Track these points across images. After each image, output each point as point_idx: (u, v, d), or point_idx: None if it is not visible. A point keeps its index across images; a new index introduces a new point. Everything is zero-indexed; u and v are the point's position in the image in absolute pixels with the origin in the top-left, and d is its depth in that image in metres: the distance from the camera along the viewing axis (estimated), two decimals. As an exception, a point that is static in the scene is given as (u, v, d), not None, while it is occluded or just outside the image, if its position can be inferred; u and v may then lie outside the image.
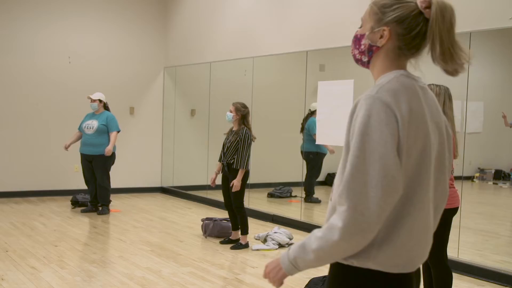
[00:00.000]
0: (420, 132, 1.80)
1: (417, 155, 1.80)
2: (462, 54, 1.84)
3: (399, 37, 1.87)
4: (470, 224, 7.93)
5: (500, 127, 10.44)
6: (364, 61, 1.97)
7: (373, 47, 1.93)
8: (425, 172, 1.84)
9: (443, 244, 4.30)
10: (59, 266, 5.97)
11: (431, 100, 1.93)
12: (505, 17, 5.67)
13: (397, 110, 1.75)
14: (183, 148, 11.55)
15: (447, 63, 1.84)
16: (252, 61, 9.55)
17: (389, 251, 1.80)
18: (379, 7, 1.90)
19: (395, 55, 1.91)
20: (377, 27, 1.90)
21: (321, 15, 7.98)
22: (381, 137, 1.71)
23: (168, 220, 8.86)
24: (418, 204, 1.83)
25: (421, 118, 1.82)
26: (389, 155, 1.71)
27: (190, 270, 5.95)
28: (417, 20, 1.85)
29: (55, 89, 10.71)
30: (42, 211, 9.23)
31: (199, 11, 10.80)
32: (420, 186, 1.83)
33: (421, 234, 1.86)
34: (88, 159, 9.09)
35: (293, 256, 1.86)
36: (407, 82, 1.86)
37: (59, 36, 10.71)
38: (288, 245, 7.10)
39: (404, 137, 1.75)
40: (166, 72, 11.84)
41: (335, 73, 8.98)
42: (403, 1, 1.87)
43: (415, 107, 1.81)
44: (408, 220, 1.81)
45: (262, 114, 9.62)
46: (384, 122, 1.73)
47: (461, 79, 6.20)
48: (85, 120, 9.20)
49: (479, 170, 10.78)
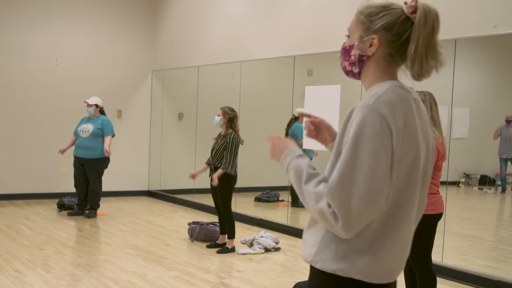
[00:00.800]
0: (412, 145, 1.81)
1: (407, 169, 1.81)
2: (432, 62, 1.84)
3: (388, 44, 1.87)
4: (455, 229, 7.99)
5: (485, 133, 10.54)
6: (355, 72, 1.97)
7: (364, 57, 1.92)
8: (414, 186, 1.85)
9: (427, 248, 4.34)
10: (44, 269, 5.95)
11: (423, 113, 1.93)
12: (489, 24, 5.73)
13: (393, 123, 1.75)
14: (170, 152, 11.54)
15: (414, 66, 1.84)
16: (240, 66, 9.57)
17: (372, 262, 1.81)
18: (366, 15, 1.90)
19: (386, 63, 1.90)
20: (366, 36, 1.89)
21: (309, 21, 8.02)
22: (373, 149, 1.71)
23: (154, 224, 8.85)
24: (404, 217, 1.83)
25: (414, 131, 1.82)
26: (378, 168, 1.71)
27: (176, 274, 5.95)
28: (405, 25, 1.85)
29: (43, 92, 10.67)
30: (28, 214, 9.19)
31: (188, 15, 10.82)
32: (407, 200, 1.84)
33: (403, 246, 1.88)
34: (81, 162, 9.08)
35: (292, 166, 1.91)
36: (403, 94, 1.86)
37: (47, 39, 10.68)
38: (274, 249, 7.13)
39: (397, 151, 1.75)
40: (154, 75, 11.84)
41: (322, 78, 9.01)
42: (389, 8, 1.88)
43: (409, 121, 1.80)
44: (393, 232, 1.82)
45: (249, 118, 9.63)
46: (379, 134, 1.72)
47: (446, 85, 6.28)
48: (81, 124, 9.21)
49: (464, 176, 10.85)
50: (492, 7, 5.79)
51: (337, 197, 1.71)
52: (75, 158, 9.17)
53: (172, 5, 11.31)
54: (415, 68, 1.84)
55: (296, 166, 1.89)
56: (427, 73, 1.86)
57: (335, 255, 1.84)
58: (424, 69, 1.84)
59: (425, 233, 4.23)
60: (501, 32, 5.68)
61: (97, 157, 9.01)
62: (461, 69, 6.98)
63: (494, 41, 6.86)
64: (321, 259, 1.87)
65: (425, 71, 1.85)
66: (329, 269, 1.85)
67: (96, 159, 9.02)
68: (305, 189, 1.82)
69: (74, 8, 10.94)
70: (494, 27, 5.68)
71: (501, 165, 10.15)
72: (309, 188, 1.80)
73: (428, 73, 1.86)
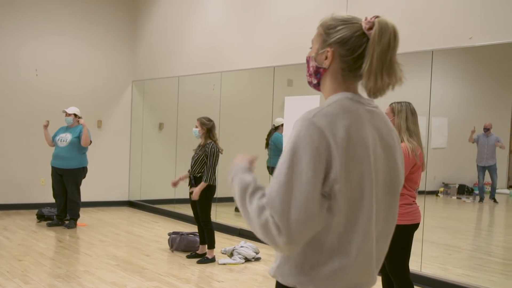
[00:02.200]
0: (360, 157, 1.78)
1: (357, 181, 1.78)
2: (386, 79, 1.82)
3: (341, 59, 1.87)
4: (434, 238, 8.06)
5: (464, 143, 10.66)
6: (315, 83, 1.97)
7: (320, 69, 1.93)
8: (368, 198, 1.81)
9: (404, 258, 4.38)
10: (22, 281, 5.91)
11: (381, 123, 1.91)
12: (465, 36, 5.83)
13: (331, 135, 1.73)
14: (151, 162, 11.52)
15: (368, 83, 1.82)
16: (220, 76, 9.60)
17: (330, 276, 1.80)
18: (324, 28, 1.91)
19: (341, 77, 1.89)
20: (321, 49, 1.91)
21: (288, 31, 8.07)
22: (310, 160, 1.70)
23: (134, 234, 8.82)
24: (361, 231, 1.81)
25: (362, 143, 1.79)
26: (314, 180, 1.70)
27: (156, 285, 5.94)
28: (361, 41, 1.84)
29: (22, 102, 10.61)
30: (6, 224, 9.11)
31: (168, 26, 10.84)
32: (362, 213, 1.80)
33: (364, 261, 1.85)
34: (59, 173, 9.03)
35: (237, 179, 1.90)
36: (350, 106, 1.84)
37: (27, 49, 10.63)
38: (254, 259, 7.14)
39: (340, 164, 1.73)
40: (134, 85, 11.83)
41: (302, 88, 9.05)
42: (348, 22, 1.87)
43: (355, 132, 1.78)
44: (352, 246, 1.80)
45: (229, 128, 9.66)
46: (316, 147, 1.71)
47: (424, 95, 6.36)
48: (59, 133, 9.17)
49: (443, 185, 10.96)
50: (468, 20, 5.88)
51: (277, 207, 1.71)
52: (53, 168, 9.12)
53: (152, 15, 11.32)
54: (369, 84, 1.82)
55: (241, 179, 1.88)
56: (382, 90, 1.83)
57: (294, 269, 1.84)
58: (379, 85, 1.82)
59: (401, 243, 4.27)
60: (477, 44, 5.77)
61: (75, 167, 8.98)
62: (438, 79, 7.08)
63: (470, 53, 6.97)
64: (282, 273, 1.89)
65: (380, 88, 1.82)
66: (290, 282, 1.86)
67: (73, 169, 8.98)
68: (248, 202, 1.80)
69: (54, 19, 10.90)
70: (470, 39, 5.77)
71: (479, 174, 10.27)
72: (253, 200, 1.79)
73: (383, 90, 1.84)
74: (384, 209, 1.91)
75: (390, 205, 1.94)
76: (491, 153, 10.14)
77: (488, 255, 7.98)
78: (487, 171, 10.20)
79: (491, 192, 10.37)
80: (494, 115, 10.43)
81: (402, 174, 1.98)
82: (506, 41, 5.60)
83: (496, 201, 10.41)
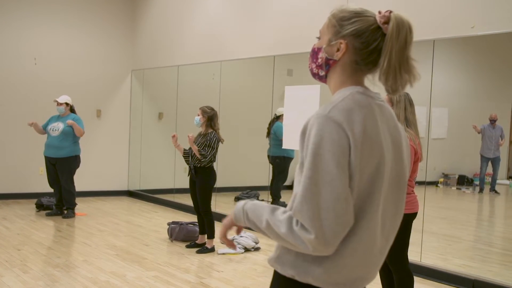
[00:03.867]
0: (374, 152, 1.77)
1: (370, 176, 1.77)
2: (406, 76, 1.81)
3: (356, 51, 1.84)
4: (434, 228, 8.06)
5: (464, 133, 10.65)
6: (321, 75, 1.94)
7: (330, 61, 1.89)
8: (377, 192, 1.80)
9: (403, 248, 4.37)
10: (21, 270, 5.90)
11: (388, 116, 1.90)
12: (467, 25, 5.78)
13: (350, 130, 1.72)
14: (150, 152, 11.50)
15: (388, 80, 1.81)
16: (220, 65, 9.56)
17: (330, 269, 1.78)
18: (337, 19, 1.88)
19: (352, 70, 1.87)
20: (334, 40, 1.87)
21: (289, 21, 8.03)
22: (333, 158, 1.68)
23: (134, 224, 8.81)
24: (366, 225, 1.79)
25: (375, 138, 1.78)
26: (341, 176, 1.68)
27: (155, 274, 5.93)
28: (375, 35, 1.82)
29: (21, 91, 10.57)
30: (5, 214, 9.10)
31: (167, 15, 10.78)
32: (370, 207, 1.79)
33: (366, 255, 1.83)
34: (52, 162, 8.98)
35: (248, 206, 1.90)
36: (363, 100, 1.83)
37: (26, 38, 10.58)
38: (253, 249, 7.13)
39: (357, 158, 1.71)
40: (134, 74, 11.79)
41: (302, 78, 9.04)
42: (362, 14, 1.85)
43: (369, 127, 1.77)
44: (354, 240, 1.78)
45: (229, 118, 9.63)
46: (337, 143, 1.69)
47: (425, 85, 6.33)
48: (51, 122, 9.09)
49: (443, 176, 10.96)
50: (470, 8, 5.84)
51: (305, 213, 1.68)
52: (46, 158, 9.07)
53: (151, 4, 11.26)
54: (389, 82, 1.81)
55: (253, 204, 1.88)
56: (401, 87, 1.83)
57: (294, 260, 1.82)
58: (398, 83, 1.81)
59: (400, 233, 4.24)
60: (479, 33, 5.73)
61: (68, 156, 8.90)
62: (439, 69, 7.05)
63: (472, 42, 6.93)
64: (281, 263, 1.87)
65: (399, 85, 1.81)
66: (288, 273, 1.84)
67: (66, 158, 8.91)
68: (271, 220, 1.78)
69: (53, 8, 10.84)
70: (472, 28, 5.73)
71: (482, 165, 10.25)
72: (277, 217, 1.77)
73: (403, 87, 1.83)
74: (393, 204, 1.90)
75: (398, 200, 1.92)
76: (497, 145, 10.13)
77: (487, 245, 7.98)
78: (490, 162, 10.19)
79: (491, 183, 10.37)
80: (495, 106, 10.41)
81: (408, 169, 1.96)
82: (508, 31, 5.55)
83: (498, 192, 10.41)
